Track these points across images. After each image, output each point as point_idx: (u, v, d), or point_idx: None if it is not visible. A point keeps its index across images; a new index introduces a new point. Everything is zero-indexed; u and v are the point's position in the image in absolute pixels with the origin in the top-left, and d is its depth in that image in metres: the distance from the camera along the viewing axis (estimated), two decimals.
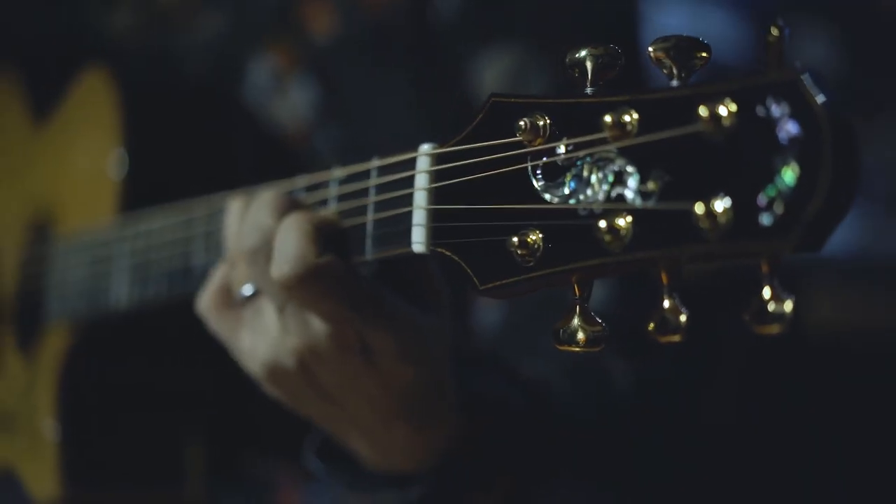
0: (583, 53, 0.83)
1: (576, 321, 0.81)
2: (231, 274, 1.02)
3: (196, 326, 1.43)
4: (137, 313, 1.34)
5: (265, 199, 0.98)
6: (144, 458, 1.49)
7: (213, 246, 1.16)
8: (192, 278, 1.19)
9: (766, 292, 0.72)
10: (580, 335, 0.81)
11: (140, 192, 1.41)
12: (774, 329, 0.72)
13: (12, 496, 1.57)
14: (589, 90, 0.82)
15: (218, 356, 1.49)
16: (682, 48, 0.77)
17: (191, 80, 1.57)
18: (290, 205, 0.98)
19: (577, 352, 0.81)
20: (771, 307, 0.72)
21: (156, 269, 1.26)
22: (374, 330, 0.96)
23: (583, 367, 1.32)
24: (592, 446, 1.31)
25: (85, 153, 1.49)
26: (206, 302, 1.05)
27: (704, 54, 0.78)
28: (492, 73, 1.41)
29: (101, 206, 1.43)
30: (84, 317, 1.42)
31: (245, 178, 1.47)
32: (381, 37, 1.47)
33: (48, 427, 1.46)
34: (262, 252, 0.95)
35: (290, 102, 1.52)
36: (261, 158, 1.50)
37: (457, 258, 0.86)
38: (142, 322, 1.40)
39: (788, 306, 0.71)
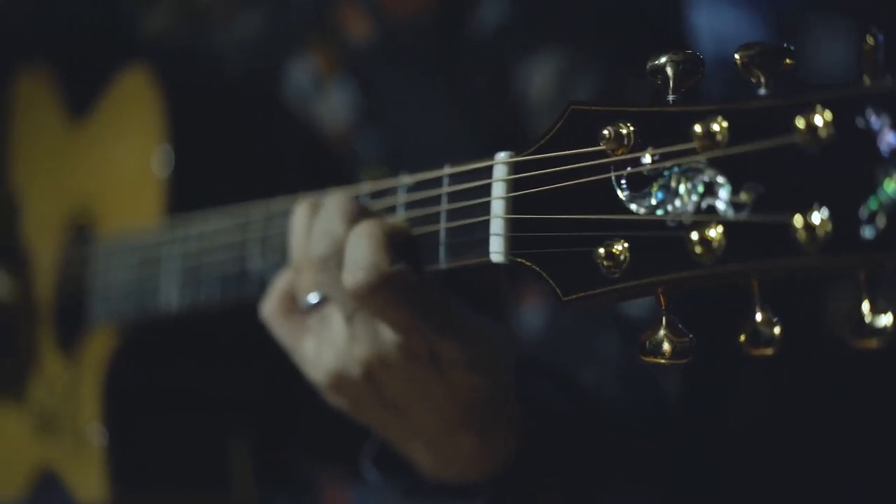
0: (663, 60, 0.82)
1: (662, 332, 0.80)
2: (297, 280, 1.01)
3: (242, 330, 1.42)
4: (185, 316, 1.33)
5: (335, 205, 0.96)
6: (190, 460, 1.49)
7: (271, 250, 1.15)
8: (248, 283, 1.18)
9: (866, 306, 0.71)
10: (666, 346, 0.80)
11: (184, 192, 1.40)
12: (873, 343, 0.71)
13: (54, 498, 1.56)
14: (671, 98, 0.81)
15: (263, 359, 1.49)
16: (769, 55, 0.76)
17: (232, 79, 1.56)
18: (361, 212, 0.96)
19: (664, 363, 0.80)
20: (869, 320, 0.71)
21: (208, 272, 1.26)
22: (444, 340, 0.95)
23: (632, 373, 1.31)
24: (642, 452, 1.31)
25: (127, 153, 1.48)
26: (270, 308, 1.04)
27: (789, 61, 0.77)
28: (539, 79, 1.40)
29: (145, 206, 1.42)
30: (130, 319, 1.41)
31: (288, 178, 1.47)
32: (414, 42, 1.46)
33: (93, 429, 1.45)
34: (333, 259, 0.94)
35: (331, 105, 1.51)
36: (303, 159, 1.49)
37: (537, 268, 0.85)
38: (187, 325, 1.39)
39: (889, 319, 0.70)
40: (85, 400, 1.48)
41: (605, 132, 0.81)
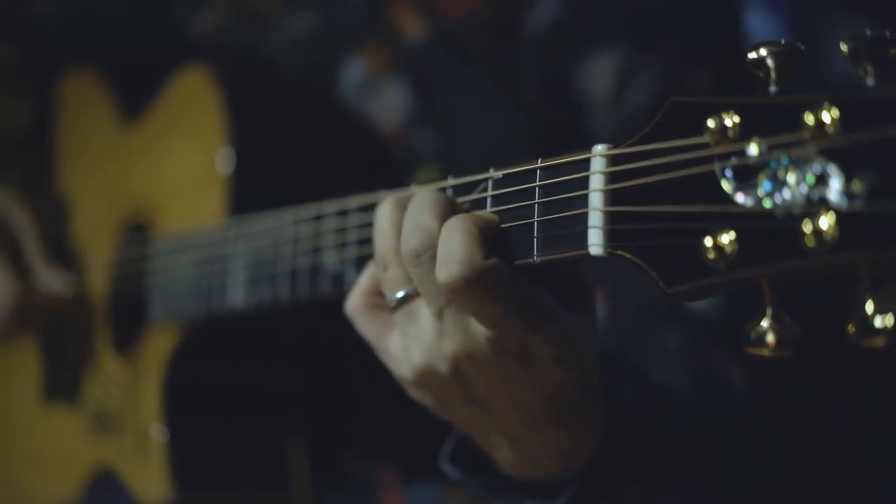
0: (763, 52, 0.82)
1: (766, 323, 0.80)
2: (383, 276, 1.01)
3: (300, 327, 1.43)
4: (245, 314, 1.33)
5: (426, 199, 0.96)
6: (249, 459, 1.49)
7: (346, 246, 1.15)
8: (320, 278, 1.18)
9: None
10: (770, 337, 0.80)
11: (245, 191, 1.40)
12: None
13: (111, 497, 1.56)
14: (773, 89, 0.81)
15: (321, 357, 1.49)
16: (876, 44, 0.76)
17: (288, 78, 1.56)
18: (451, 206, 0.96)
19: (767, 356, 0.80)
20: None
21: (277, 268, 1.25)
22: (535, 334, 0.95)
23: (699, 370, 1.31)
24: (706, 449, 1.30)
25: (186, 152, 1.48)
26: (354, 304, 1.03)
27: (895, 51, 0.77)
28: (599, 78, 1.40)
29: (206, 205, 1.42)
30: (191, 317, 1.41)
31: (347, 177, 1.47)
32: (469, 41, 1.45)
33: (154, 428, 1.45)
34: (426, 254, 0.94)
35: (384, 104, 1.51)
36: (361, 158, 1.49)
37: (637, 260, 0.85)
38: (245, 323, 1.39)
39: None
40: (144, 399, 1.48)
41: (710, 123, 0.81)
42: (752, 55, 0.82)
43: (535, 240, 0.92)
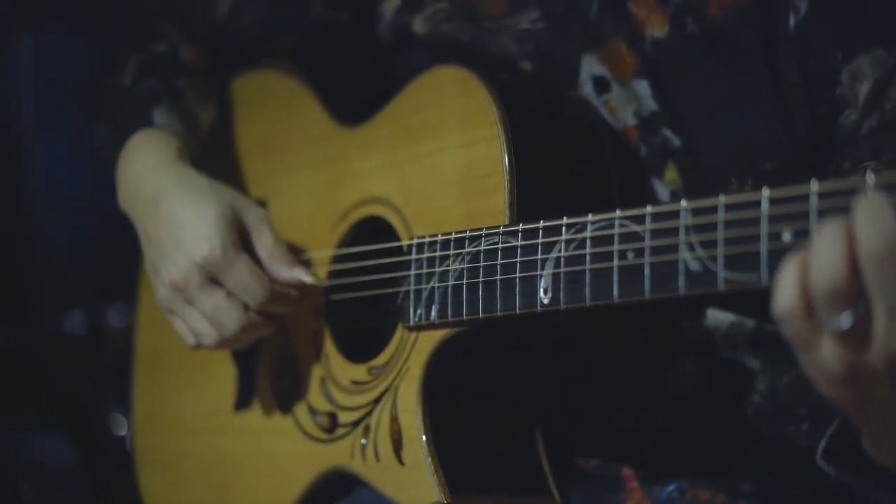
0: None
1: None
2: (825, 285, 0.99)
3: (549, 328, 1.42)
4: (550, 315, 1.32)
5: (877, 202, 0.96)
6: (503, 458, 1.48)
7: (713, 244, 1.14)
8: (681, 276, 1.17)
9: None
10: None
11: (524, 191, 1.40)
12: None
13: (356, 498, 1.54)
14: None
15: (567, 358, 1.48)
16: None
17: (534, 77, 1.55)
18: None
19: None
20: None
21: (599, 265, 1.25)
22: None
23: None
24: None
25: (451, 152, 1.46)
26: (789, 306, 1.00)
27: None
28: (858, 80, 1.40)
29: (483, 206, 1.41)
30: (474, 318, 1.39)
31: (606, 173, 1.47)
32: (720, 41, 1.45)
33: (415, 430, 1.43)
34: (891, 253, 0.94)
35: (625, 101, 1.50)
36: (612, 154, 1.49)
37: None
38: (498, 323, 1.39)
39: None
40: (398, 401, 1.46)
41: None
42: None
43: None
